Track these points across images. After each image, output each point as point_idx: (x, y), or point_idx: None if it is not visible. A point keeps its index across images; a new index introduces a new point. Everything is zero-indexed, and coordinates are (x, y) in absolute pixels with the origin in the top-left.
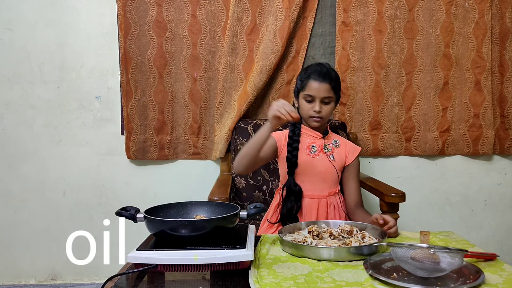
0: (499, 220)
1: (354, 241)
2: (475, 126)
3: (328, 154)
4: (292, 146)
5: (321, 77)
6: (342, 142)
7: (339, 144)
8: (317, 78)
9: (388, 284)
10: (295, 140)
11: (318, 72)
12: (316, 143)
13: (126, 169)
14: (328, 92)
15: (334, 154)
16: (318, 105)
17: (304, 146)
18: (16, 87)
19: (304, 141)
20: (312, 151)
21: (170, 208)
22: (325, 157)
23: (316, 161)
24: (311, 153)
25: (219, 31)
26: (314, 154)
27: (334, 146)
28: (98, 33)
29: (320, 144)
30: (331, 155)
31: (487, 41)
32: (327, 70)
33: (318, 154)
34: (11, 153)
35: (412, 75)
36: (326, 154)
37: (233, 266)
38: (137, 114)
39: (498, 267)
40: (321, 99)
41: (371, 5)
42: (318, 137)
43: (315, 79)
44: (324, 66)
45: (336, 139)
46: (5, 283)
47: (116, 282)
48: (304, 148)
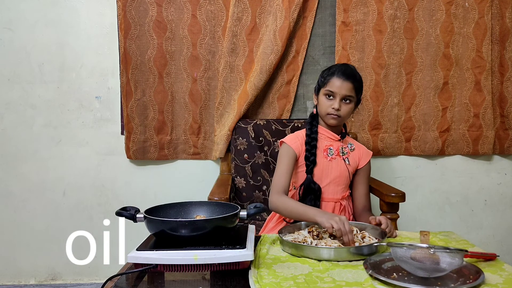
0: (499, 220)
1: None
2: (475, 126)
3: (344, 157)
4: (311, 144)
5: (345, 75)
6: (356, 146)
7: (354, 148)
8: (341, 76)
9: (388, 284)
10: (313, 138)
11: (342, 70)
12: (333, 146)
13: (126, 169)
14: (350, 91)
15: (350, 158)
16: (337, 103)
17: (321, 148)
18: (16, 87)
19: (321, 143)
20: (330, 154)
21: (170, 208)
22: (341, 160)
23: (333, 164)
24: (328, 156)
25: (219, 31)
26: (331, 158)
27: (350, 149)
28: (98, 33)
29: (337, 147)
30: (347, 159)
31: (487, 41)
32: (352, 70)
33: (335, 158)
34: (11, 153)
35: (412, 75)
36: (342, 158)
37: (233, 266)
38: (137, 114)
39: (498, 267)
40: (341, 97)
41: (371, 5)
42: (335, 139)
43: (338, 76)
44: (349, 66)
45: (351, 143)
46: (5, 283)
47: (116, 282)
48: (322, 151)
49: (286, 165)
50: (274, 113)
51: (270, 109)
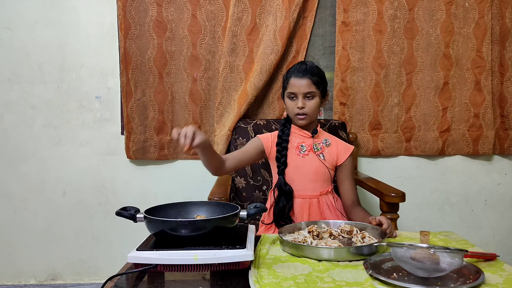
0: (499, 220)
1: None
2: (475, 126)
3: (318, 153)
4: (281, 145)
5: (300, 73)
6: (334, 141)
7: (329, 143)
8: (297, 75)
9: (388, 284)
10: (284, 140)
11: (297, 69)
12: (305, 143)
13: (126, 169)
14: (308, 87)
15: (325, 153)
16: (300, 101)
17: (293, 146)
18: (16, 87)
19: (293, 141)
20: (302, 151)
21: (170, 208)
22: (315, 156)
23: (306, 160)
24: (300, 153)
25: (219, 31)
26: (303, 154)
27: (325, 145)
28: (98, 33)
29: (309, 144)
30: (321, 154)
31: (487, 41)
32: (307, 66)
33: (307, 154)
34: (11, 153)
35: (412, 75)
36: (316, 154)
37: (233, 266)
38: (137, 114)
39: (498, 267)
40: (303, 95)
41: (371, 5)
42: (307, 136)
43: (295, 76)
44: (304, 63)
45: (327, 138)
46: (5, 283)
47: (116, 282)
48: (294, 148)
49: (243, 147)
50: (274, 113)
51: (270, 109)
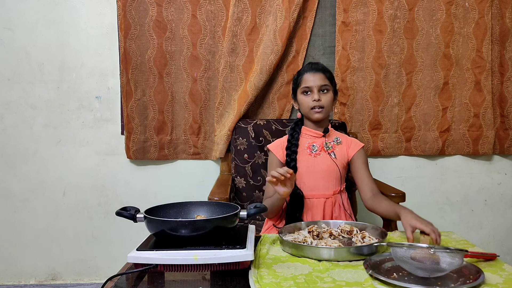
0: (499, 220)
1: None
2: (475, 126)
3: (329, 152)
4: (291, 149)
5: (314, 69)
6: (344, 139)
7: (340, 141)
8: (310, 70)
9: (388, 284)
10: (293, 144)
11: (310, 67)
12: (316, 143)
13: (126, 169)
14: (324, 80)
15: (336, 151)
16: (316, 94)
17: (304, 147)
18: (16, 87)
19: (304, 141)
20: (313, 150)
21: (170, 208)
22: (326, 155)
23: (318, 160)
24: (312, 152)
25: (219, 31)
26: (315, 154)
27: (335, 143)
28: (98, 33)
29: (320, 143)
30: (333, 153)
31: (487, 41)
32: (318, 64)
33: (319, 153)
34: (11, 153)
35: (412, 75)
36: (327, 152)
37: (233, 266)
38: (137, 114)
39: (498, 267)
40: (318, 88)
41: (371, 5)
42: (318, 136)
43: (309, 71)
44: (316, 62)
45: (337, 137)
46: (5, 283)
47: (116, 282)
48: (305, 149)
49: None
50: (274, 113)
51: (270, 109)
